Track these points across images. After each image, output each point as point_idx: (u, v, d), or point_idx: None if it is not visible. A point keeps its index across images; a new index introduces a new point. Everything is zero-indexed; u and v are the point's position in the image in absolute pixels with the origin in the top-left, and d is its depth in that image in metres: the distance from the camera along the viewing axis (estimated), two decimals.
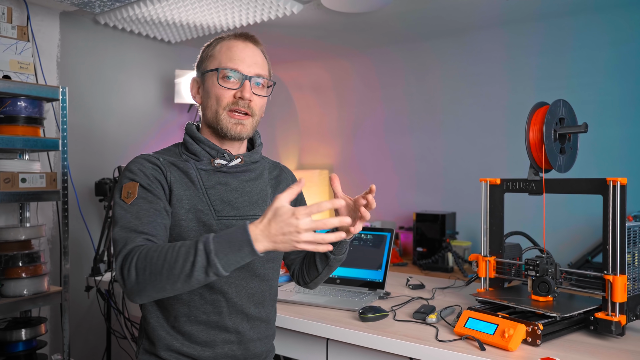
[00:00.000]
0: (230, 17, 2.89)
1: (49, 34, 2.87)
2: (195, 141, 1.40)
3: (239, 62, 1.37)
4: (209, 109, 1.40)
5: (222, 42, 1.41)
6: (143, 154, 1.37)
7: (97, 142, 3.17)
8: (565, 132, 1.69)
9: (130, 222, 1.23)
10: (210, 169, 1.38)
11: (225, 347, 1.37)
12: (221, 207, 1.36)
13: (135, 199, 1.26)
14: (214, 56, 1.40)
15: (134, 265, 1.15)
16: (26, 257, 2.43)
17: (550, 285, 1.58)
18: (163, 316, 1.35)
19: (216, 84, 1.36)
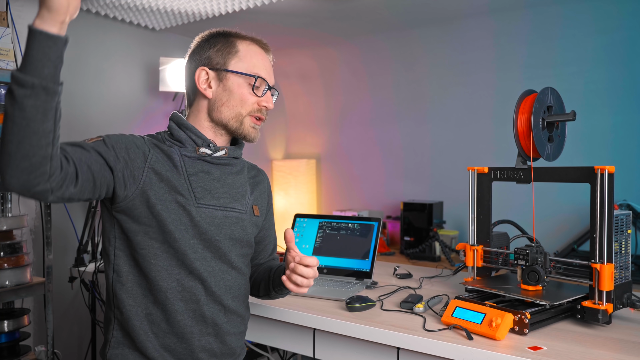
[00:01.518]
0: (215, 4, 2.84)
1: (30, 20, 2.79)
2: (181, 128, 1.39)
3: (266, 72, 1.44)
4: (228, 108, 1.40)
5: (244, 42, 1.44)
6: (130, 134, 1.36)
7: (81, 130, 3.12)
8: (553, 120, 1.68)
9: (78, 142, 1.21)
10: (194, 156, 1.38)
11: (203, 339, 1.36)
12: (202, 194, 1.36)
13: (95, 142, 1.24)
14: (241, 58, 1.41)
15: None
16: (8, 248, 2.39)
17: (539, 274, 1.58)
18: (138, 305, 1.32)
19: (246, 88, 1.40)
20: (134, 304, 1.32)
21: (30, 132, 1.01)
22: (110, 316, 1.36)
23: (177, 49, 3.66)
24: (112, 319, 1.35)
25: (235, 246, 1.43)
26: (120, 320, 1.34)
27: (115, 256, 1.34)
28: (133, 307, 1.32)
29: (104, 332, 1.40)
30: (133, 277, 1.33)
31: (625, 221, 1.56)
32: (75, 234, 2.96)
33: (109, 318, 1.37)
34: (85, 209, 3.05)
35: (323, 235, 2.22)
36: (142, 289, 1.32)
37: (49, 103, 1.03)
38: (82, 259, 2.65)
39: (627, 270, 1.57)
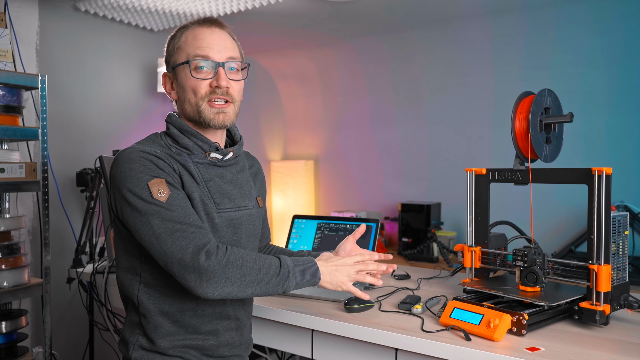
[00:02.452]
0: (214, 5, 2.85)
1: (28, 21, 2.81)
2: (185, 134, 1.36)
3: (207, 49, 1.34)
4: (187, 102, 1.36)
5: (187, 31, 1.37)
6: (137, 147, 1.30)
7: (78, 131, 3.12)
8: (550, 121, 1.69)
9: (184, 218, 1.22)
10: (206, 162, 1.37)
11: (227, 334, 1.40)
12: (220, 199, 1.37)
13: (170, 195, 1.23)
14: (181, 48, 1.36)
15: (226, 259, 1.20)
16: (6, 249, 2.38)
17: (538, 275, 1.58)
18: (167, 311, 1.33)
19: (189, 76, 1.33)
20: (162, 313, 1.33)
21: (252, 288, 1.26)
22: (136, 322, 1.36)
23: None
24: (138, 325, 1.35)
25: (249, 241, 1.47)
26: (146, 326, 1.34)
27: (142, 270, 1.33)
28: (161, 316, 1.33)
29: (125, 335, 1.38)
30: (162, 287, 1.32)
31: (622, 222, 1.57)
32: (73, 235, 2.96)
33: (134, 322, 1.36)
34: (83, 210, 3.05)
35: (321, 236, 2.22)
36: (171, 298, 1.33)
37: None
38: (80, 260, 2.64)
39: (625, 272, 1.58)
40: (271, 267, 1.26)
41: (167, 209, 1.21)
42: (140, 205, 1.21)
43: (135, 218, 1.23)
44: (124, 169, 1.25)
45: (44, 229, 2.53)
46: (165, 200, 1.22)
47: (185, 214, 1.23)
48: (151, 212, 1.21)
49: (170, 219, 1.20)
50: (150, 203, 1.21)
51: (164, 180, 1.24)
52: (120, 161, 1.27)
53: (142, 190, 1.22)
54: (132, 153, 1.27)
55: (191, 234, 1.20)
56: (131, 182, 1.23)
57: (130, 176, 1.24)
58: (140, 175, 1.23)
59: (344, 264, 1.41)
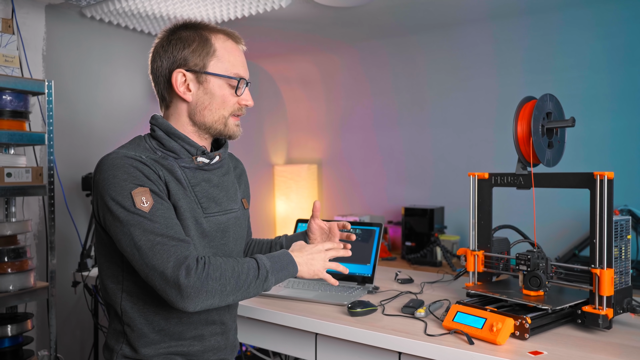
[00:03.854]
0: (218, 11, 2.87)
1: (35, 27, 2.83)
2: (171, 137, 1.34)
3: (244, 70, 1.38)
4: (210, 110, 1.35)
5: (219, 39, 1.37)
6: (121, 152, 1.28)
7: (84, 136, 3.14)
8: (552, 126, 1.70)
9: (165, 231, 1.20)
10: (193, 166, 1.35)
11: (212, 339, 1.40)
12: (207, 204, 1.36)
13: (153, 205, 1.21)
14: (217, 57, 1.35)
15: (205, 273, 1.18)
16: (12, 253, 2.40)
17: (541, 279, 1.59)
18: (151, 320, 1.32)
19: (227, 89, 1.36)
20: (146, 322, 1.31)
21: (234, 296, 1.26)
22: (119, 330, 1.34)
23: None
24: (122, 333, 1.34)
25: (237, 244, 1.47)
26: (130, 335, 1.32)
27: (125, 278, 1.31)
28: (145, 325, 1.31)
29: (110, 342, 1.37)
30: (145, 296, 1.31)
31: (625, 226, 1.57)
32: (79, 238, 2.98)
33: (118, 331, 1.35)
34: (89, 214, 3.06)
35: None
36: (155, 306, 1.31)
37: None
38: (85, 263, 2.66)
39: (627, 276, 1.58)
40: (250, 271, 1.25)
41: (150, 220, 1.19)
42: (122, 214, 1.19)
43: (117, 227, 1.21)
44: (107, 175, 1.23)
45: (49, 233, 2.54)
46: (148, 210, 1.20)
47: (168, 225, 1.21)
48: (133, 222, 1.19)
49: (151, 230, 1.18)
50: (133, 213, 1.19)
51: (148, 189, 1.22)
52: (104, 167, 1.25)
53: (125, 199, 1.20)
54: (117, 159, 1.25)
55: (172, 247, 1.18)
56: (114, 190, 1.21)
57: (113, 184, 1.22)
58: (124, 184, 1.21)
59: (318, 251, 1.41)
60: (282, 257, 1.34)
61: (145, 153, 1.31)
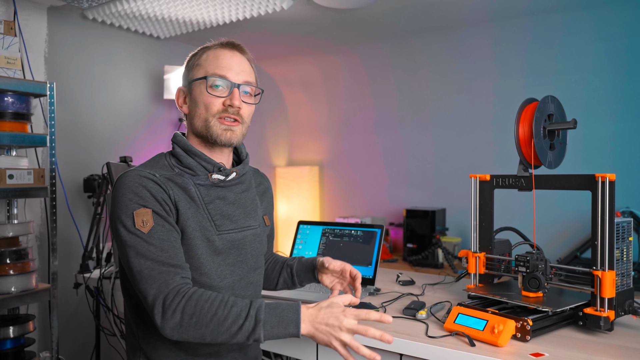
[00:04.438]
0: (219, 13, 2.87)
1: (37, 29, 2.84)
2: (189, 154, 1.36)
3: (226, 70, 1.36)
4: (197, 117, 1.37)
5: (209, 50, 1.39)
6: (137, 170, 1.29)
7: (86, 138, 3.14)
8: (554, 128, 1.70)
9: (157, 255, 1.21)
10: (208, 184, 1.36)
11: (229, 355, 1.39)
12: (221, 221, 1.36)
13: (152, 227, 1.23)
14: (201, 65, 1.38)
15: (180, 309, 1.17)
16: (14, 254, 2.40)
17: (540, 281, 1.59)
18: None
19: (205, 92, 1.35)
20: (159, 336, 1.31)
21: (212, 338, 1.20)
22: (136, 345, 1.36)
23: (181, 58, 3.68)
24: (138, 348, 1.35)
25: (256, 261, 1.46)
26: (146, 351, 1.34)
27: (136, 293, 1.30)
28: (159, 339, 1.32)
29: (129, 356, 1.39)
30: None
31: (626, 228, 1.57)
32: (81, 240, 2.98)
33: (134, 346, 1.36)
34: (90, 215, 3.07)
35: (326, 242, 2.23)
36: None
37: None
38: (87, 265, 2.66)
39: (629, 278, 1.58)
40: (236, 318, 1.17)
41: (146, 242, 1.21)
42: (123, 233, 1.23)
43: (119, 245, 1.25)
44: (117, 194, 1.26)
45: (51, 235, 2.55)
46: (147, 231, 1.22)
47: (163, 248, 1.22)
48: (130, 243, 1.22)
49: (143, 254, 1.21)
50: (132, 233, 1.22)
51: (150, 210, 1.24)
52: (117, 185, 1.28)
53: (127, 219, 1.23)
54: (128, 178, 1.27)
55: (158, 274, 1.19)
56: (120, 209, 1.24)
57: (121, 202, 1.25)
58: (129, 203, 1.24)
59: (337, 322, 1.18)
60: (286, 312, 1.19)
61: (162, 171, 1.33)
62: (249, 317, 1.17)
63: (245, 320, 1.17)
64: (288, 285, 1.67)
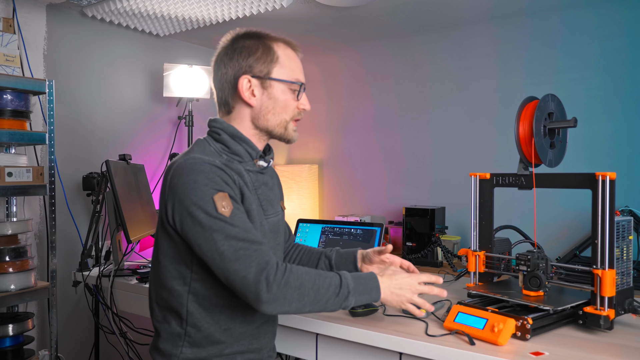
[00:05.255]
0: (219, 10, 2.86)
1: (36, 27, 2.83)
2: (236, 141, 1.39)
3: (302, 75, 1.47)
4: (273, 114, 1.41)
5: (280, 47, 1.44)
6: (197, 158, 1.30)
7: (85, 136, 3.14)
8: (554, 127, 1.69)
9: (245, 235, 1.24)
10: (255, 169, 1.42)
11: (266, 336, 1.45)
12: (267, 206, 1.43)
13: (232, 210, 1.25)
14: (281, 64, 1.42)
15: (284, 282, 1.22)
16: (13, 252, 2.40)
17: (541, 280, 1.59)
18: (217, 318, 1.35)
19: (289, 94, 1.43)
20: (213, 322, 1.35)
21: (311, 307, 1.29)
22: (178, 332, 1.35)
23: (181, 55, 3.68)
24: (183, 336, 1.35)
25: (283, 245, 1.56)
26: (195, 336, 1.35)
27: (193, 279, 1.33)
28: (212, 325, 1.35)
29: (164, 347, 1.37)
30: (211, 297, 1.34)
31: (626, 227, 1.57)
32: (80, 238, 2.98)
33: (176, 334, 1.36)
34: (89, 213, 3.06)
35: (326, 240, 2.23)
36: (221, 306, 1.35)
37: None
38: (86, 263, 2.66)
39: (629, 276, 1.58)
40: (330, 287, 1.28)
41: (231, 225, 1.23)
42: (204, 219, 1.23)
43: (197, 232, 1.24)
44: (187, 180, 1.26)
45: (50, 233, 2.55)
46: (228, 215, 1.24)
47: (247, 229, 1.25)
48: (215, 227, 1.22)
49: (233, 236, 1.23)
50: (215, 218, 1.23)
51: (227, 194, 1.26)
52: (184, 172, 1.27)
53: (207, 204, 1.23)
54: (196, 164, 1.28)
55: (254, 252, 1.22)
56: (195, 195, 1.24)
57: (194, 188, 1.24)
58: (205, 189, 1.24)
59: (408, 285, 1.41)
60: (368, 281, 1.35)
61: (214, 157, 1.34)
62: (342, 286, 1.29)
63: (340, 288, 1.28)
64: None
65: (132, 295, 2.40)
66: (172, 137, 3.64)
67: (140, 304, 2.35)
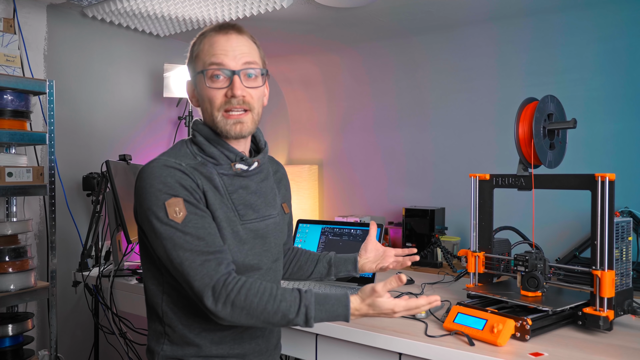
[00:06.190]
0: (219, 11, 2.87)
1: (36, 27, 2.84)
2: (211, 143, 1.33)
3: (222, 56, 1.28)
4: (205, 112, 1.33)
5: (204, 38, 1.33)
6: (161, 160, 1.26)
7: (85, 136, 3.14)
8: (554, 128, 1.70)
9: (195, 245, 1.20)
10: (231, 173, 1.34)
11: (252, 342, 1.39)
12: (244, 211, 1.34)
13: (186, 216, 1.20)
14: (199, 56, 1.32)
15: (230, 302, 1.18)
16: (13, 252, 2.40)
17: (539, 280, 1.59)
18: (190, 322, 1.32)
19: (205, 85, 1.29)
20: (187, 324, 1.32)
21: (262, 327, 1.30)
22: (160, 330, 1.35)
23: (181, 56, 3.68)
24: (163, 334, 1.34)
25: (279, 250, 1.47)
26: (172, 336, 1.33)
27: (165, 282, 1.32)
28: (185, 327, 1.32)
29: (150, 344, 1.38)
30: (184, 299, 1.31)
31: (625, 228, 1.57)
32: (80, 238, 2.98)
33: (158, 332, 1.35)
34: (89, 213, 3.07)
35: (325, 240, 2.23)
36: (194, 310, 1.31)
37: None
38: (85, 263, 2.66)
39: (628, 277, 1.58)
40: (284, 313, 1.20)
41: (181, 232, 1.20)
42: (157, 225, 1.21)
43: (152, 238, 1.24)
44: (145, 184, 1.23)
45: (50, 233, 2.55)
46: (180, 221, 1.20)
47: (199, 236, 1.21)
48: (165, 235, 1.20)
49: (181, 245, 1.19)
50: (166, 224, 1.20)
51: (181, 199, 1.21)
52: (144, 175, 1.25)
53: (159, 210, 1.21)
54: (155, 168, 1.24)
55: (199, 265, 1.19)
56: (150, 200, 1.22)
57: (150, 193, 1.22)
58: (159, 194, 1.21)
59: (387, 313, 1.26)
60: (336, 305, 1.24)
61: (186, 159, 1.30)
62: (299, 314, 1.20)
63: (296, 316, 1.20)
64: (322, 276, 1.69)
65: (132, 296, 2.40)
66: (172, 137, 3.65)
67: (140, 305, 2.35)
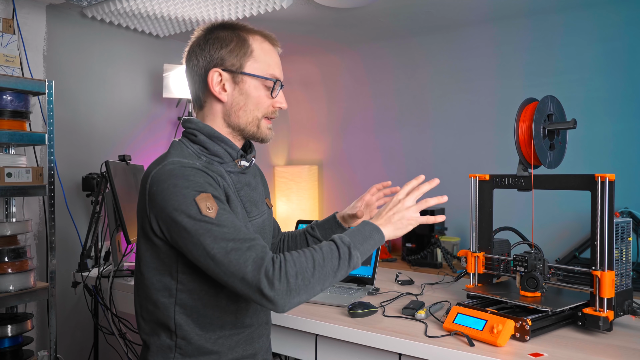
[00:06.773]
0: (219, 11, 2.87)
1: (35, 27, 2.84)
2: (214, 141, 1.31)
3: (279, 70, 1.36)
4: (244, 111, 1.32)
5: (256, 40, 1.34)
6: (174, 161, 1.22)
7: (84, 136, 3.14)
8: (554, 128, 1.69)
9: (235, 234, 1.15)
10: (236, 170, 1.34)
11: (261, 340, 1.40)
12: (250, 208, 1.35)
13: (218, 211, 1.16)
14: (255, 58, 1.32)
15: (284, 274, 1.12)
16: (12, 253, 2.40)
17: (538, 280, 1.59)
18: (206, 329, 1.28)
19: (263, 90, 1.33)
20: (202, 332, 1.28)
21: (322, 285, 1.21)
22: (168, 345, 1.28)
23: (180, 56, 3.65)
24: (173, 348, 1.28)
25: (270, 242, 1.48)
26: (186, 348, 1.28)
27: (179, 290, 1.26)
28: (202, 336, 1.28)
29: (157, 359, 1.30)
30: (199, 308, 1.27)
31: (625, 228, 1.57)
32: (79, 239, 2.98)
33: (166, 346, 1.28)
34: (89, 214, 3.06)
35: None
36: (209, 317, 1.28)
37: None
38: (85, 264, 2.65)
39: (628, 278, 1.58)
40: (329, 255, 1.18)
41: (218, 225, 1.14)
42: (189, 224, 1.14)
43: (185, 239, 1.16)
44: (167, 185, 1.17)
45: (49, 233, 2.54)
46: (214, 216, 1.14)
47: (236, 228, 1.16)
48: (202, 231, 1.13)
49: (222, 237, 1.13)
50: (200, 220, 1.14)
51: (210, 194, 1.17)
52: (162, 177, 1.19)
53: (189, 208, 1.14)
54: (174, 169, 1.19)
55: (246, 251, 1.13)
56: (176, 200, 1.15)
57: (174, 193, 1.16)
58: (186, 191, 1.16)
59: (403, 208, 1.33)
60: (363, 229, 1.27)
61: (192, 160, 1.26)
62: (339, 246, 1.20)
63: (339, 250, 1.20)
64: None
65: (132, 296, 2.38)
66: (171, 137, 3.65)
67: None
